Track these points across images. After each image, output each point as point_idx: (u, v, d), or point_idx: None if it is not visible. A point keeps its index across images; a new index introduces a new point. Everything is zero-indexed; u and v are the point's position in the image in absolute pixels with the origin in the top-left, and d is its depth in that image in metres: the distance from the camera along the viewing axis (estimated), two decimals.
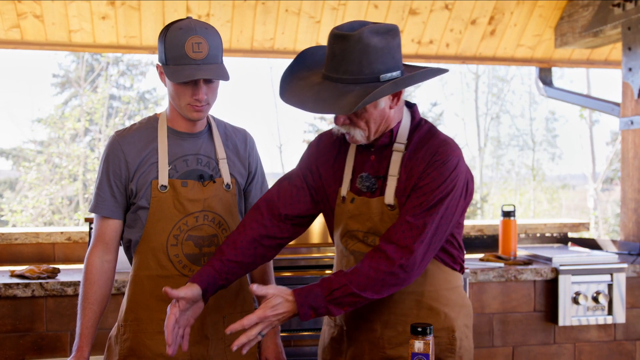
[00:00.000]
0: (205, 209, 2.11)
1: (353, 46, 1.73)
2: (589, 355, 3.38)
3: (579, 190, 20.48)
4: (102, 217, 2.12)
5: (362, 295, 1.78)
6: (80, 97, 15.66)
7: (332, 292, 1.78)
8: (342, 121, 1.84)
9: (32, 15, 4.00)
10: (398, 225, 1.81)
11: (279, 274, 2.96)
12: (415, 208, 1.81)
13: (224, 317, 2.15)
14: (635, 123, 3.90)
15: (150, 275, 2.10)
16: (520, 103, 22.12)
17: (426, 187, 1.82)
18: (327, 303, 1.78)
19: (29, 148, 15.66)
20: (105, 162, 2.12)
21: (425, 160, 1.85)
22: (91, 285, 2.09)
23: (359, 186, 1.93)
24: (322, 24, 4.36)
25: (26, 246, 3.44)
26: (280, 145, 19.71)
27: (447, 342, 1.96)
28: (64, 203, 13.37)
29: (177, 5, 4.09)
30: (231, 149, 2.21)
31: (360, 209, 1.92)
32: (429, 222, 1.80)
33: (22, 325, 2.83)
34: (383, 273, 1.78)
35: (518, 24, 4.56)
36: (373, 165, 1.93)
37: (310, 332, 2.95)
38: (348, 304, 1.80)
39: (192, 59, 1.98)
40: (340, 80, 1.76)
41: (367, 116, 1.83)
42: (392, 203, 1.87)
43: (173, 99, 2.07)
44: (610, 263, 3.34)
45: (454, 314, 1.98)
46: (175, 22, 2.02)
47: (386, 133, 1.90)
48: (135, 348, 2.09)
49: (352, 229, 1.95)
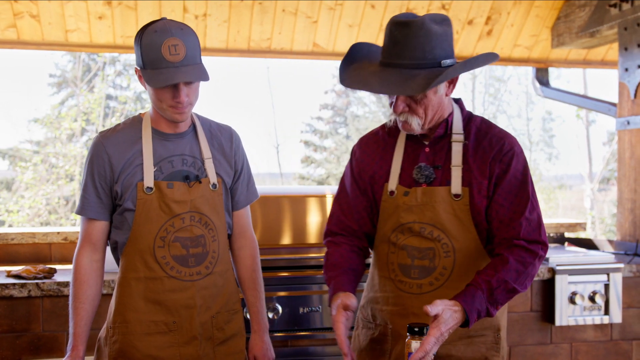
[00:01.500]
0: (192, 209, 2.10)
1: (416, 32, 1.78)
2: (586, 355, 3.38)
3: (575, 190, 20.51)
4: (88, 219, 2.11)
5: (518, 289, 1.84)
6: (76, 97, 15.63)
7: (492, 293, 1.81)
8: (402, 108, 1.87)
9: (28, 15, 3.99)
10: (517, 225, 1.88)
11: (276, 274, 2.96)
12: (520, 201, 1.89)
13: (212, 317, 2.15)
14: (632, 123, 3.91)
15: (137, 277, 2.09)
16: (517, 103, 22.18)
17: (514, 178, 1.90)
18: (488, 304, 1.81)
19: (26, 148, 15.63)
20: (89, 164, 2.10)
21: (494, 148, 1.91)
22: (81, 285, 2.09)
23: (415, 177, 1.94)
24: (319, 24, 4.36)
25: (22, 246, 3.43)
26: (277, 146, 19.72)
27: (492, 341, 1.96)
28: (60, 203, 13.34)
29: (174, 5, 4.09)
30: (217, 147, 2.19)
31: (420, 199, 1.93)
32: (539, 212, 1.92)
33: (18, 325, 2.82)
34: (529, 265, 1.86)
35: (515, 24, 4.57)
36: (428, 157, 1.95)
37: (307, 331, 2.95)
38: (502, 302, 1.84)
39: (170, 61, 1.96)
40: (403, 65, 1.80)
41: (427, 102, 1.86)
42: (459, 192, 1.90)
43: (154, 102, 2.05)
44: (606, 263, 3.35)
45: (499, 312, 1.99)
46: (149, 25, 2.00)
47: (441, 124, 1.94)
48: (125, 350, 2.08)
49: (406, 222, 1.94)
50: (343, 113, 21.65)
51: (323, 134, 21.40)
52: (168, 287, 2.08)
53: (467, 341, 1.94)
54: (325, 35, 4.44)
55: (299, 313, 2.94)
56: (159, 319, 2.09)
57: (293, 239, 3.16)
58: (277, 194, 3.26)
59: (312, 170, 20.99)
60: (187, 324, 2.09)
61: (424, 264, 1.94)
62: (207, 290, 2.13)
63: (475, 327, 1.94)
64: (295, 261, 3.07)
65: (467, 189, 1.90)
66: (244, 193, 2.27)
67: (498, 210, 1.90)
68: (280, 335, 2.91)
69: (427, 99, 1.86)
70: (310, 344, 2.97)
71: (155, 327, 2.09)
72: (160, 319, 2.09)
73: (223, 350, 2.16)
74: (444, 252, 1.92)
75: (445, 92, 1.90)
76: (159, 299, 2.08)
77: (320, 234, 3.23)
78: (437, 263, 1.93)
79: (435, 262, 1.93)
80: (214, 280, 2.15)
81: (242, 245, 2.30)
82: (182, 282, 2.09)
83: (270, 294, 2.90)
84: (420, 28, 1.78)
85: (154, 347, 2.08)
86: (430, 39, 1.79)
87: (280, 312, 2.90)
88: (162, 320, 2.09)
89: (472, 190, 1.89)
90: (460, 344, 1.94)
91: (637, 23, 3.81)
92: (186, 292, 2.09)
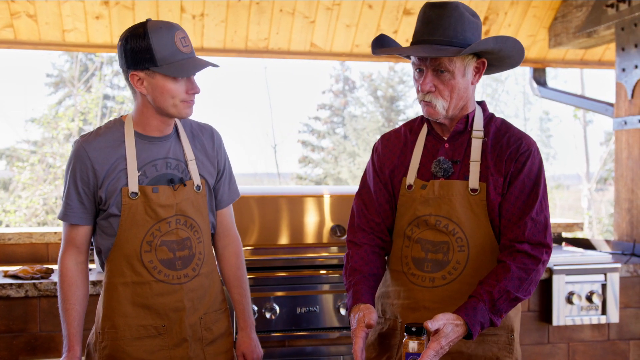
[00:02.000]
0: (177, 213, 2.09)
1: (450, 13, 1.85)
2: (583, 354, 3.38)
3: (572, 190, 20.54)
4: (71, 224, 2.10)
5: (521, 297, 1.84)
6: (74, 96, 15.61)
7: (495, 303, 1.81)
8: (429, 87, 1.90)
9: (25, 15, 3.99)
10: (523, 224, 1.88)
11: (273, 274, 2.96)
12: (529, 201, 1.90)
13: (200, 318, 2.15)
14: (629, 123, 3.91)
15: (125, 282, 2.08)
16: (515, 103, 22.20)
17: (527, 178, 1.91)
18: (491, 315, 1.81)
19: (23, 148, 15.61)
20: (72, 170, 2.07)
21: (511, 147, 1.93)
22: (70, 287, 2.09)
23: (434, 171, 1.96)
24: (316, 24, 4.36)
25: (19, 246, 3.42)
26: (274, 145, 19.72)
27: (505, 342, 1.96)
28: (57, 203, 13.30)
29: (171, 5, 4.09)
30: (199, 148, 2.18)
31: (438, 192, 1.94)
32: (547, 215, 1.92)
33: (15, 325, 2.82)
34: (532, 271, 1.85)
35: (512, 25, 4.57)
36: (447, 152, 1.98)
37: (304, 331, 2.95)
38: (506, 311, 1.84)
39: (184, 53, 1.98)
40: (435, 41, 1.85)
41: (453, 84, 1.89)
42: (476, 187, 1.92)
43: (162, 101, 2.01)
44: (604, 263, 3.35)
45: (513, 314, 1.99)
46: (143, 25, 1.98)
47: (461, 119, 1.97)
48: (115, 355, 2.08)
49: (423, 214, 1.96)
50: (341, 113, 21.67)
51: (321, 134, 21.41)
52: (156, 291, 2.08)
53: (479, 339, 1.94)
54: (322, 35, 4.44)
55: (296, 313, 2.94)
56: (148, 323, 2.09)
57: (291, 239, 3.16)
58: (275, 194, 3.26)
59: (310, 170, 21.01)
60: (176, 326, 2.09)
61: (437, 258, 1.95)
62: (195, 292, 2.13)
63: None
64: (292, 261, 3.07)
65: (485, 184, 1.92)
66: (227, 192, 2.27)
67: (508, 208, 1.91)
68: (278, 335, 2.91)
69: (455, 80, 1.89)
70: (308, 344, 2.97)
71: (145, 331, 2.09)
72: (149, 323, 2.09)
73: (212, 351, 2.17)
74: (458, 246, 1.93)
75: (471, 80, 1.94)
76: (147, 303, 2.08)
77: (318, 234, 3.23)
78: (450, 257, 1.93)
79: (449, 256, 1.94)
80: (201, 281, 2.15)
81: (226, 244, 2.30)
82: (170, 286, 2.09)
83: (267, 294, 2.90)
84: (455, 9, 1.86)
85: (144, 351, 2.08)
86: (463, 22, 1.86)
87: (278, 312, 2.90)
88: (152, 324, 2.09)
89: (489, 186, 1.91)
90: (472, 342, 1.93)
91: (634, 23, 3.81)
92: (174, 295, 2.09)
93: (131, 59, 1.98)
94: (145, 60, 1.96)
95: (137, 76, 2.00)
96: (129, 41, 1.98)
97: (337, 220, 3.22)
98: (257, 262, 3.01)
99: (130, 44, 1.97)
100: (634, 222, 3.88)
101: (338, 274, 2.99)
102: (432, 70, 1.89)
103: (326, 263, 3.10)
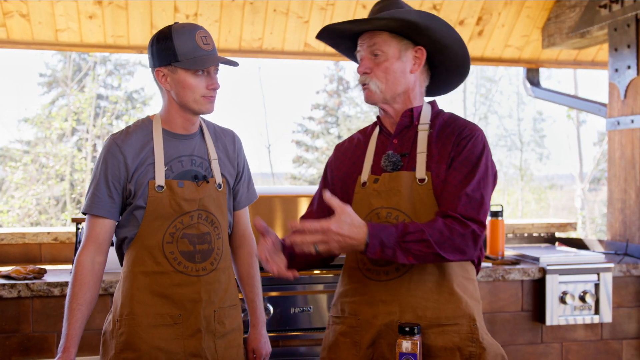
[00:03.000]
0: (200, 208, 2.18)
1: (390, 4, 1.97)
2: (576, 354, 3.39)
3: (566, 191, 20.59)
4: (96, 217, 2.15)
5: (434, 246, 1.78)
6: (67, 96, 15.57)
7: (405, 235, 1.78)
8: (365, 69, 1.98)
9: (18, 14, 3.97)
10: (457, 199, 1.86)
11: (268, 274, 2.95)
12: (467, 179, 1.88)
13: (214, 312, 2.20)
14: (622, 123, 3.93)
15: (145, 271, 2.15)
16: (508, 103, 22.23)
17: (466, 160, 1.91)
18: (397, 244, 1.77)
19: (16, 148, 15.54)
20: (103, 164, 2.16)
21: (455, 134, 1.95)
22: (81, 287, 2.12)
23: (383, 165, 1.99)
24: (310, 24, 4.35)
25: (12, 247, 3.41)
26: (268, 146, 19.69)
27: (467, 331, 1.91)
28: (50, 203, 13.28)
29: (165, 5, 4.08)
30: (221, 149, 2.30)
31: (387, 184, 1.96)
32: (485, 195, 1.89)
33: (8, 326, 2.81)
34: (457, 234, 1.81)
35: (506, 25, 4.58)
36: (396, 147, 2.01)
37: (298, 331, 2.95)
38: (415, 253, 1.78)
39: (205, 50, 2.11)
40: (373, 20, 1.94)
41: (387, 65, 1.96)
42: (423, 177, 1.93)
43: (184, 96, 2.14)
44: (597, 263, 3.36)
45: (472, 304, 1.96)
46: (169, 28, 2.13)
47: (405, 112, 2.01)
48: (131, 342, 2.12)
49: (375, 207, 1.97)
50: (335, 113, 21.66)
51: (315, 134, 21.40)
52: (175, 282, 2.15)
53: (438, 330, 1.90)
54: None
55: (290, 313, 2.94)
56: (165, 311, 2.14)
57: None
58: (269, 194, 3.26)
59: (304, 170, 20.99)
60: (192, 317, 2.15)
61: None
62: (212, 286, 2.20)
63: (447, 314, 1.91)
64: None
65: (430, 173, 1.93)
66: (245, 194, 2.38)
67: (445, 188, 1.90)
68: (272, 335, 2.91)
69: (389, 62, 1.96)
70: (302, 344, 2.97)
71: (162, 319, 2.14)
72: (166, 312, 2.14)
73: (223, 344, 2.22)
74: None
75: (410, 68, 1.99)
76: (165, 292, 2.14)
77: None
78: None
79: None
80: (218, 276, 2.22)
81: (242, 243, 2.40)
82: (188, 277, 2.16)
83: None
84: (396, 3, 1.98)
85: (160, 339, 2.13)
86: (402, 7, 1.98)
87: (272, 312, 2.90)
88: (168, 312, 2.15)
89: (432, 174, 1.92)
90: (431, 332, 1.90)
91: (627, 24, 3.83)
92: (192, 286, 2.16)
93: (157, 57, 2.14)
94: (168, 57, 2.11)
95: (161, 72, 2.15)
96: (155, 42, 2.14)
97: None
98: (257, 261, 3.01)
99: (156, 45, 2.13)
100: (627, 222, 3.89)
101: (332, 274, 2.99)
102: (368, 53, 1.98)
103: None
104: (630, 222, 3.87)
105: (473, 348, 1.90)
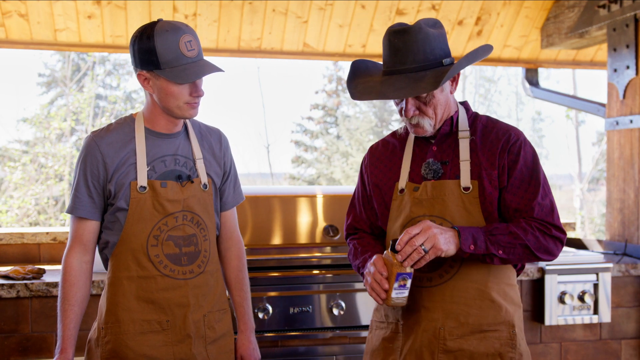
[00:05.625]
0: (184, 209, 2.12)
1: (415, 37, 1.87)
2: (575, 354, 3.39)
3: (565, 190, 20.61)
4: (79, 218, 2.11)
5: (522, 237, 1.86)
6: (66, 96, 15.56)
7: (492, 229, 1.86)
8: (413, 112, 1.95)
9: (16, 14, 3.97)
10: (530, 210, 1.92)
11: (266, 274, 2.95)
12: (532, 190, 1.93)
13: (203, 316, 2.15)
14: (621, 123, 3.93)
15: (130, 276, 2.09)
16: (507, 104, 22.24)
17: (524, 167, 1.95)
18: (486, 237, 1.85)
19: (15, 148, 15.53)
20: (82, 163, 2.10)
21: (501, 140, 1.97)
22: (71, 287, 2.09)
23: (424, 173, 2.01)
24: (309, 24, 4.35)
25: (11, 247, 3.41)
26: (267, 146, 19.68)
27: (507, 337, 1.96)
28: (49, 203, 13.27)
29: (164, 4, 4.07)
30: (207, 148, 2.23)
31: (430, 192, 1.98)
32: (552, 199, 1.96)
33: (7, 326, 2.81)
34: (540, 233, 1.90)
35: (505, 25, 4.58)
36: (436, 155, 2.02)
37: (297, 331, 2.95)
38: (504, 245, 1.86)
39: (188, 57, 2.01)
40: (408, 70, 1.88)
41: (435, 102, 1.94)
42: (468, 185, 1.95)
43: (167, 102, 2.06)
44: (596, 263, 3.36)
45: (512, 310, 2.00)
46: (152, 26, 2.01)
47: (446, 121, 2.01)
48: (118, 350, 2.08)
49: (416, 215, 1.99)
50: (334, 113, 21.66)
51: (314, 134, 21.40)
52: (161, 286, 2.09)
53: (480, 336, 1.95)
54: (315, 35, 4.44)
55: (289, 313, 2.93)
56: (152, 317, 2.09)
57: (283, 239, 3.16)
58: (268, 194, 3.26)
59: (303, 170, 20.99)
60: (180, 322, 2.10)
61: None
62: (199, 289, 2.14)
63: (488, 321, 1.95)
64: (285, 261, 3.07)
65: (477, 181, 1.95)
66: (232, 194, 2.31)
67: (512, 199, 1.94)
68: (271, 335, 2.91)
69: (435, 99, 1.94)
70: (301, 344, 2.97)
71: (149, 326, 2.09)
72: (153, 318, 2.09)
73: (214, 350, 2.17)
74: None
75: (450, 90, 1.99)
76: (152, 297, 2.09)
77: (311, 234, 3.22)
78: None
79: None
80: (206, 279, 2.16)
81: (229, 246, 2.33)
82: (175, 281, 2.10)
83: (260, 294, 2.90)
84: (418, 32, 1.87)
85: (148, 347, 2.08)
86: (430, 41, 1.87)
87: (271, 312, 2.90)
88: (156, 319, 2.09)
89: (483, 181, 1.94)
90: (473, 338, 1.94)
91: (625, 24, 3.83)
92: (179, 290, 2.10)
93: (139, 59, 2.04)
94: (150, 62, 2.01)
95: (143, 76, 2.06)
96: (137, 41, 2.03)
97: (330, 220, 3.22)
98: (250, 262, 3.00)
99: (137, 44, 2.02)
100: (626, 222, 3.90)
101: (331, 273, 2.99)
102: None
103: (319, 263, 3.10)
104: (629, 222, 3.87)
105: (512, 354, 1.95)
